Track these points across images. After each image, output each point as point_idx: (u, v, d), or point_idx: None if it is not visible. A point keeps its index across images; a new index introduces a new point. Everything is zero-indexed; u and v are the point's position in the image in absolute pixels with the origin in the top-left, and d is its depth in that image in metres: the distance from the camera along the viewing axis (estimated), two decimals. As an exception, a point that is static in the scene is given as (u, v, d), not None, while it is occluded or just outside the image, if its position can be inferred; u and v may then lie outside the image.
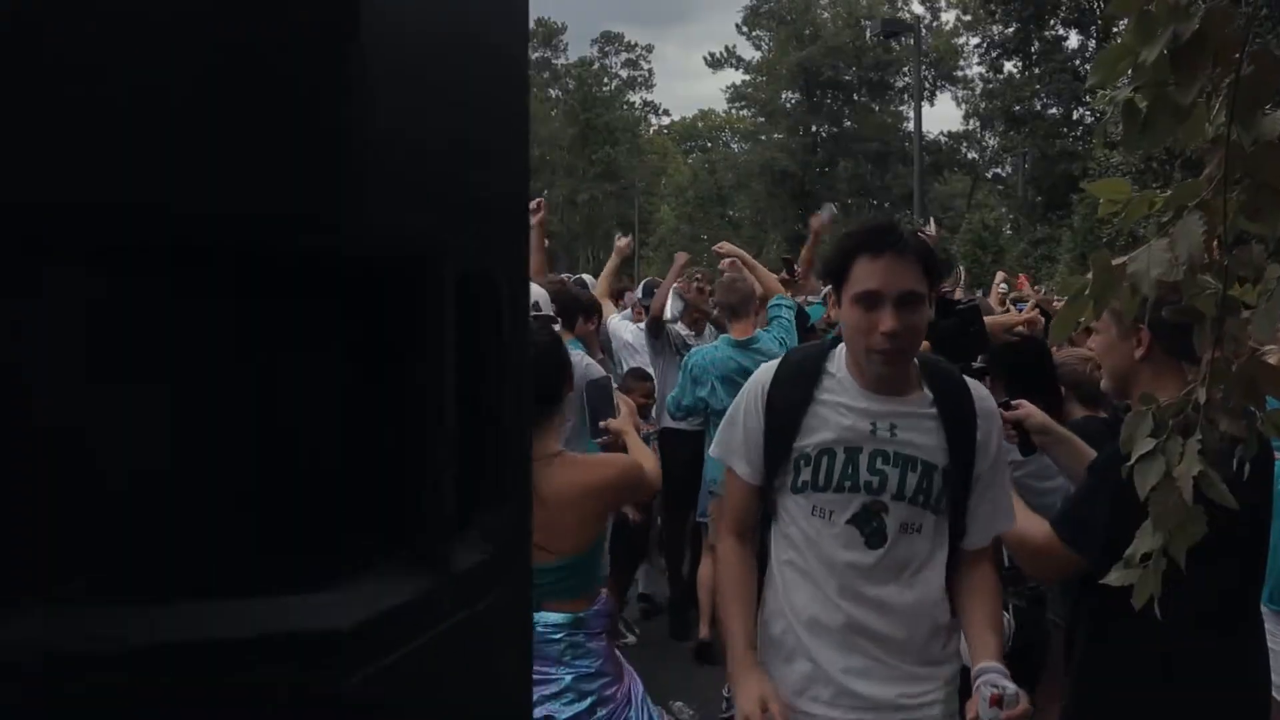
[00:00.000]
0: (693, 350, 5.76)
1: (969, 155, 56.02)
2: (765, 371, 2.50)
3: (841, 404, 2.38)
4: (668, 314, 7.13)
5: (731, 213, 63.51)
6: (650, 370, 6.34)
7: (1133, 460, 1.33)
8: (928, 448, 2.35)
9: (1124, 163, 21.35)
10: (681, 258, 7.62)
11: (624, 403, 3.54)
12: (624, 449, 3.24)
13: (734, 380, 5.38)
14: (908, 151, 45.32)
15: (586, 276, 8.94)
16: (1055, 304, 11.15)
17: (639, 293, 8.07)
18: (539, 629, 2.78)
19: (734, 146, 71.99)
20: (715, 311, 6.84)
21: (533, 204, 6.74)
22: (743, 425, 2.47)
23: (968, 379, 2.48)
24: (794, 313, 5.89)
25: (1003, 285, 10.46)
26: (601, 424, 3.40)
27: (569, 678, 2.81)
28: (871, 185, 54.36)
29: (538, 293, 4.97)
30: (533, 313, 4.83)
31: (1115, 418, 3.90)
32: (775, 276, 6.68)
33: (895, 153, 53.23)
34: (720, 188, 62.94)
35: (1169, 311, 1.43)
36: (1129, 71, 1.36)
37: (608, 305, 7.07)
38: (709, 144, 77.79)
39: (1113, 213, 1.73)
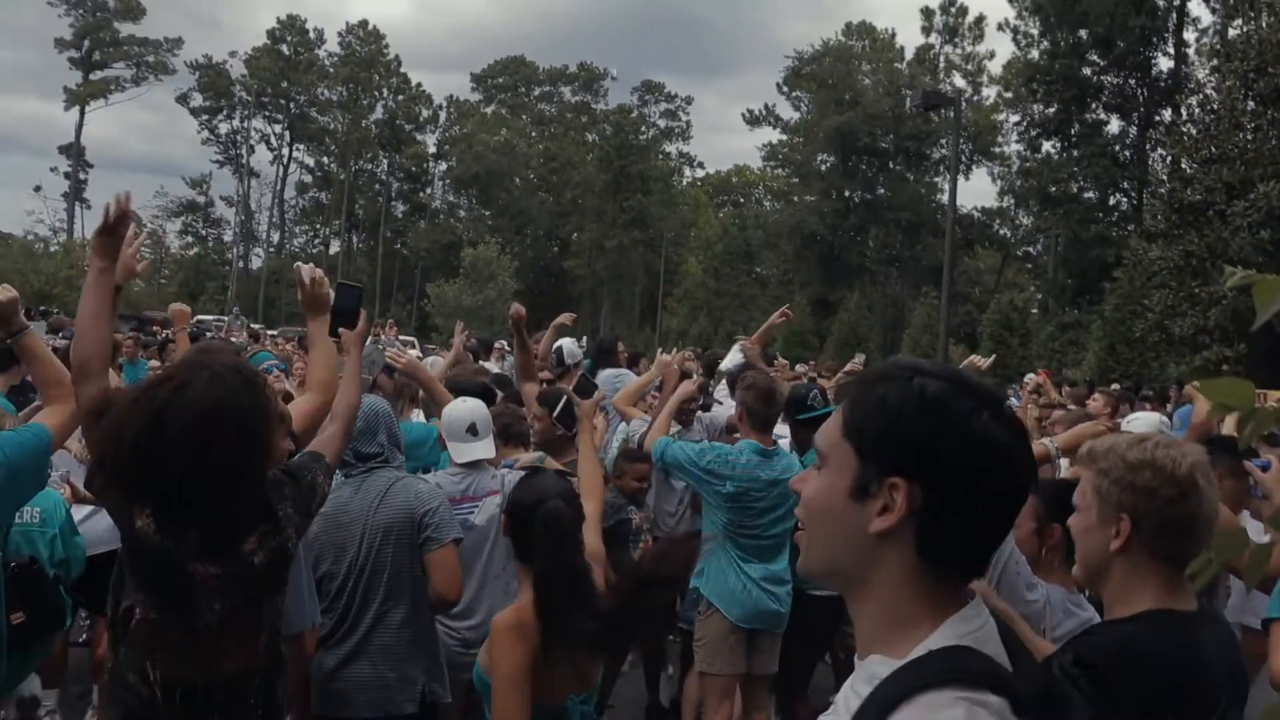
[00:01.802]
0: (716, 446, 5.14)
1: (1001, 232, 55.65)
2: None
3: None
4: (727, 364, 6.63)
5: (759, 270, 63.24)
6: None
7: None
8: None
9: (1162, 257, 20.84)
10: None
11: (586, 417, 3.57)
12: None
13: (747, 495, 4.84)
14: (939, 223, 45.05)
15: (567, 342, 8.37)
16: (1093, 402, 10.66)
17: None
18: None
19: (766, 204, 71.92)
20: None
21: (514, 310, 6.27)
22: None
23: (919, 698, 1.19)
24: None
25: (1030, 378, 10.04)
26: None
27: None
28: (901, 255, 54.00)
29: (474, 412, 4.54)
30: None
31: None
32: None
33: (927, 224, 52.89)
34: (749, 244, 62.73)
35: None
36: None
37: (633, 412, 6.28)
38: (741, 199, 77.80)
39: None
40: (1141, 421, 7.75)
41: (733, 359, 6.80)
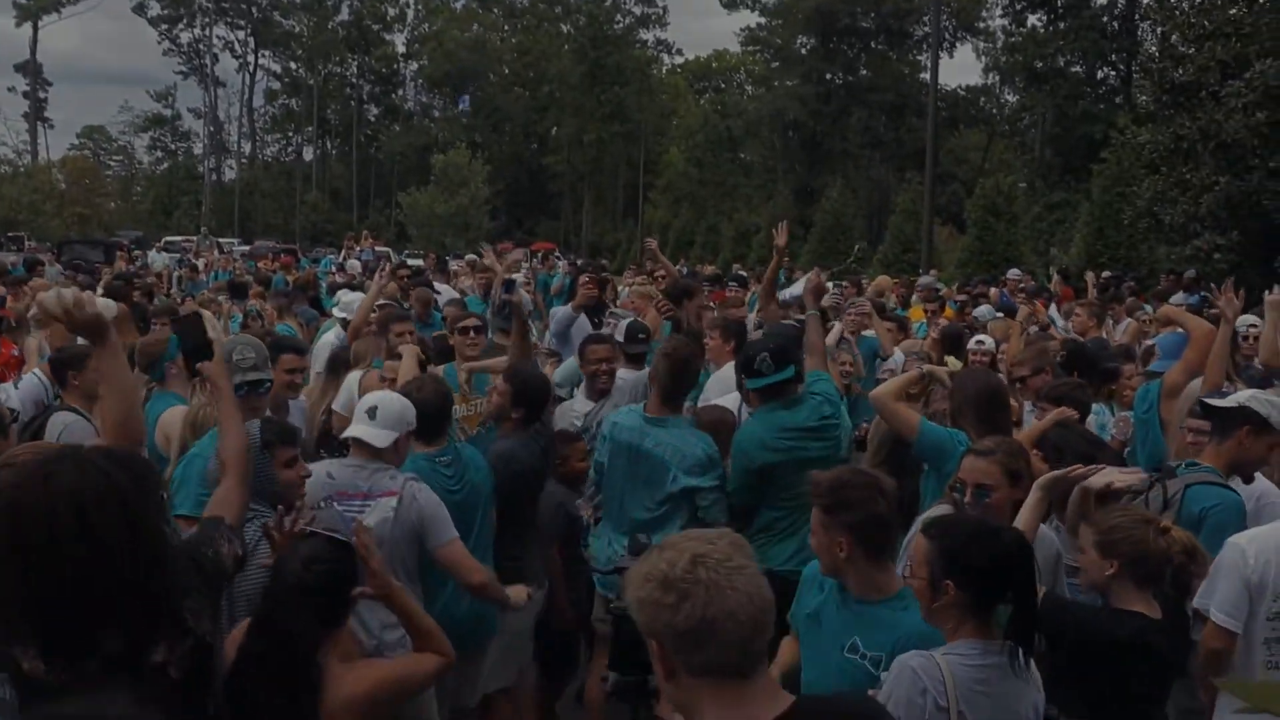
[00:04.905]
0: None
1: (989, 109, 54.49)
2: None
3: None
4: (788, 293, 5.96)
5: (743, 155, 62.18)
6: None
7: None
8: None
9: (1151, 141, 20.06)
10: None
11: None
12: None
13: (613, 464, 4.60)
14: (923, 104, 43.97)
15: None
16: (1077, 318, 10.24)
17: (620, 335, 6.60)
18: None
19: (748, 89, 70.37)
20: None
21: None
22: None
23: None
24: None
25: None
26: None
27: None
28: (885, 138, 52.93)
29: None
30: None
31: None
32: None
33: (910, 105, 51.73)
34: (731, 132, 61.54)
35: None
36: None
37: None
38: (722, 85, 76.12)
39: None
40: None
41: (794, 290, 6.11)
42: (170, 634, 2.16)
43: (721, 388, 5.99)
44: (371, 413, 3.98)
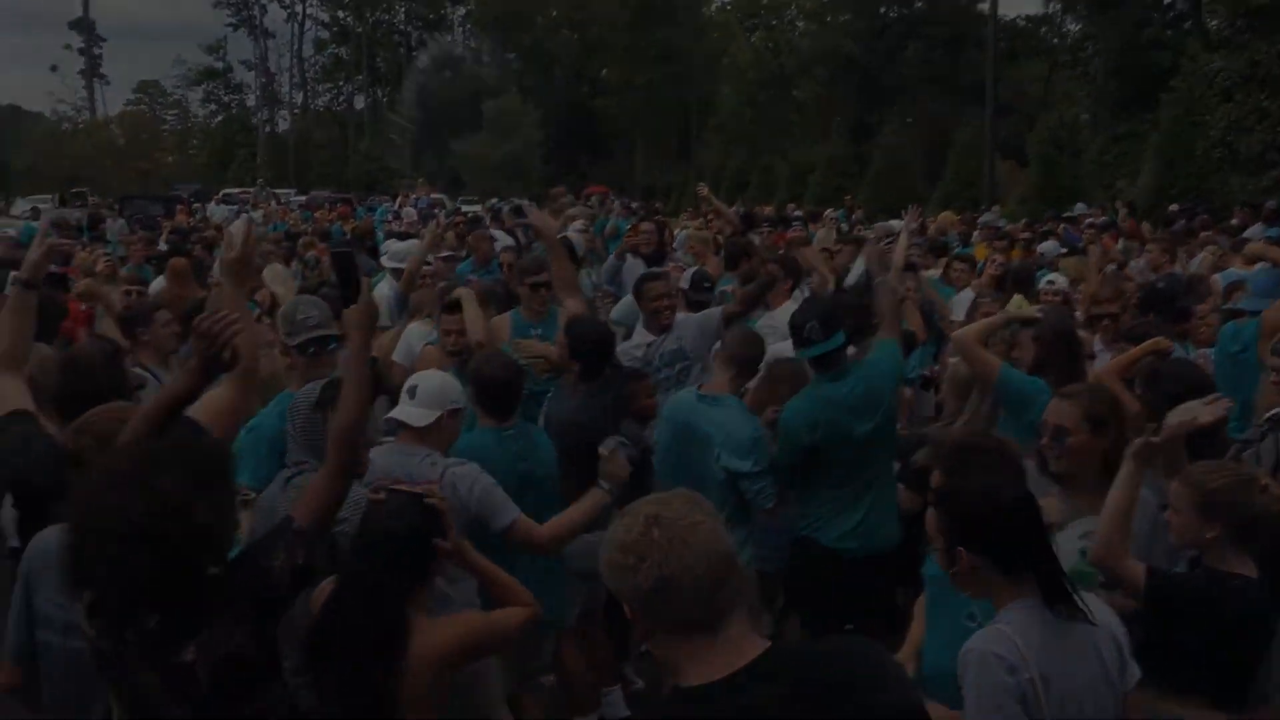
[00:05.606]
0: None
1: (1050, 39, 52.83)
2: None
3: None
4: (852, 279, 5.77)
5: (796, 93, 61.05)
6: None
7: None
8: None
9: (1225, 68, 19.31)
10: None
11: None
12: None
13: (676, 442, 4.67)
14: (982, 35, 42.82)
15: (575, 234, 7.66)
16: (1149, 255, 9.90)
17: (685, 283, 6.68)
18: None
19: (799, 25, 68.91)
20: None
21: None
22: None
23: None
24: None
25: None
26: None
27: None
28: (942, 71, 51.57)
29: None
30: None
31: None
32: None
33: (968, 37, 50.27)
34: (784, 69, 60.34)
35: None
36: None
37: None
38: (774, 21, 74.60)
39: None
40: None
41: (856, 272, 5.97)
42: (203, 635, 2.17)
43: (775, 334, 5.88)
44: (411, 392, 3.91)
